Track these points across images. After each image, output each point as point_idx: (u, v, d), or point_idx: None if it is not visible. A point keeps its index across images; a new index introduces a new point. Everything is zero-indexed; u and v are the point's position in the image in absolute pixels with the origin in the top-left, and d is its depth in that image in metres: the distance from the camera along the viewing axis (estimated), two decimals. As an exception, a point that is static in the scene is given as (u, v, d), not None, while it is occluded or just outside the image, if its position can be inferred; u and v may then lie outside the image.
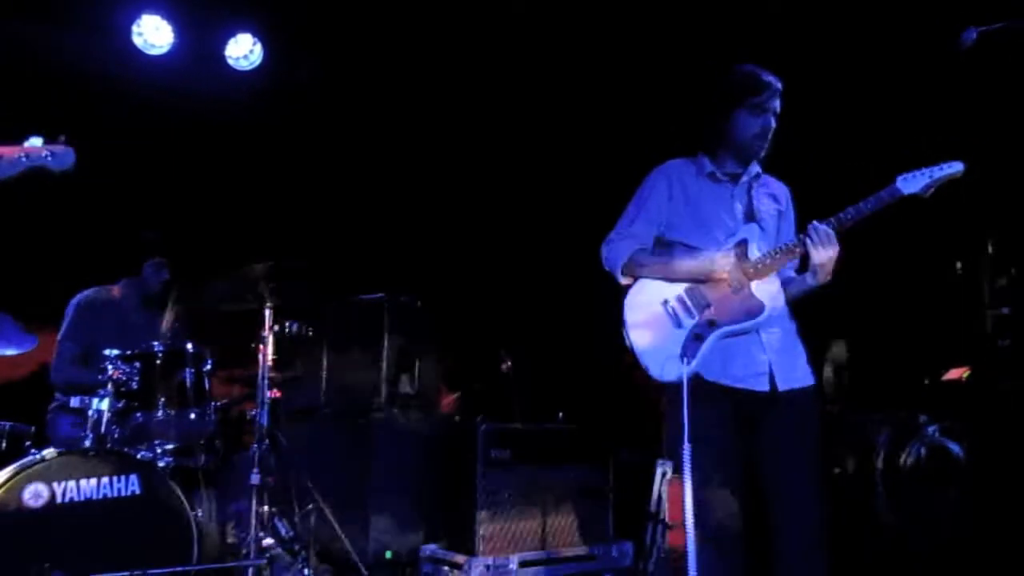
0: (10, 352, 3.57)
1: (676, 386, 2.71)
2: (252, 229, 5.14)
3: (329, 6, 5.10)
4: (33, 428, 3.72)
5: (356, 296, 4.85)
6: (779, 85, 2.93)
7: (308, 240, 5.21)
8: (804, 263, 3.00)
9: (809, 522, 2.79)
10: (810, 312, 3.02)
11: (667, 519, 4.47)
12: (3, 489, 3.15)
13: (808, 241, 2.78)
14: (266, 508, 3.90)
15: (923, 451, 4.02)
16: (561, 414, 4.65)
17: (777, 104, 2.94)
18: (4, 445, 3.55)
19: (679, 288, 2.88)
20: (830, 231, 2.77)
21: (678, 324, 2.84)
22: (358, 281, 4.95)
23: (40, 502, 3.20)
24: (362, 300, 4.82)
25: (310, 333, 4.10)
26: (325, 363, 4.84)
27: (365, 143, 5.49)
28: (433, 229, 5.54)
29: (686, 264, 2.89)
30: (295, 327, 4.12)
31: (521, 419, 4.54)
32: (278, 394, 4.04)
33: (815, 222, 2.80)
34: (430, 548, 4.49)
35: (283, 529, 4.10)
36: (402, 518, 4.58)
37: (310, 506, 4.19)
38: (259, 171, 5.39)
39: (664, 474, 4.65)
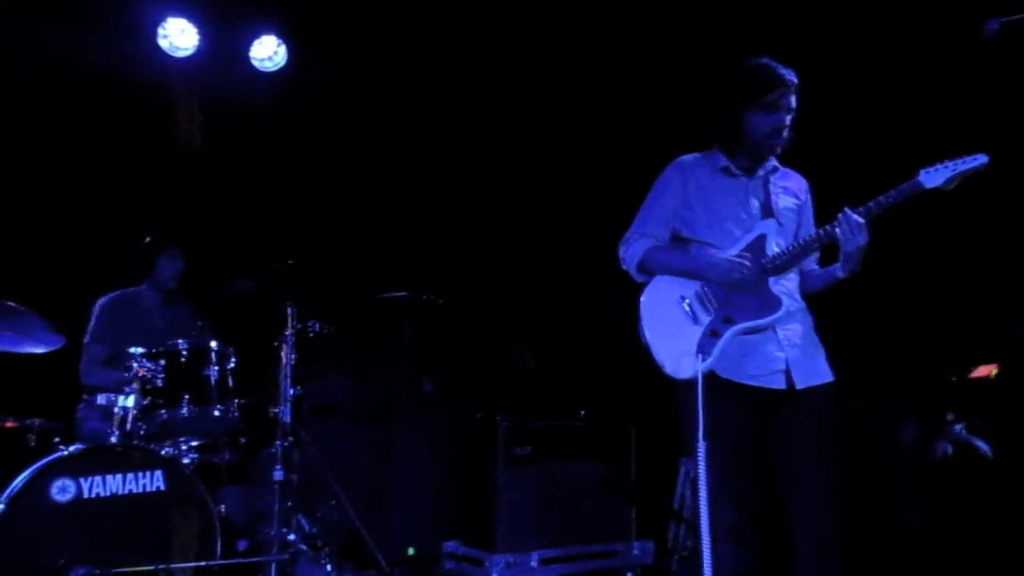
0: (39, 350, 3.65)
1: (691, 383, 2.71)
2: (277, 228, 5.20)
3: (352, 7, 5.13)
4: (62, 425, 3.80)
5: (378, 294, 4.89)
6: (794, 80, 2.88)
7: (331, 238, 5.25)
8: (826, 256, 2.98)
9: (825, 521, 2.76)
10: (832, 306, 3.00)
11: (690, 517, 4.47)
12: (31, 483, 3.22)
13: (838, 230, 2.74)
14: (289, 504, 3.95)
15: (950, 449, 3.96)
16: (583, 412, 4.64)
17: (792, 100, 2.88)
18: (34, 441, 3.63)
19: (696, 284, 2.87)
20: (861, 220, 2.71)
21: (695, 320, 2.82)
22: (380, 279, 4.98)
23: (67, 496, 3.27)
24: (384, 298, 4.86)
25: (328, 330, 4.13)
26: (347, 361, 4.88)
27: (387, 142, 5.52)
28: (451, 226, 5.54)
29: (701, 264, 2.87)
30: (317, 327, 4.15)
31: (542, 415, 4.53)
32: (300, 391, 4.08)
33: (847, 210, 2.74)
34: (451, 545, 4.51)
35: (306, 525, 4.14)
36: (424, 515, 4.61)
37: (332, 502, 4.23)
38: (283, 170, 5.44)
39: (687, 473, 4.64)
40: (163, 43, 5.09)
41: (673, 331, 2.83)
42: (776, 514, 2.79)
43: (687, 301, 2.85)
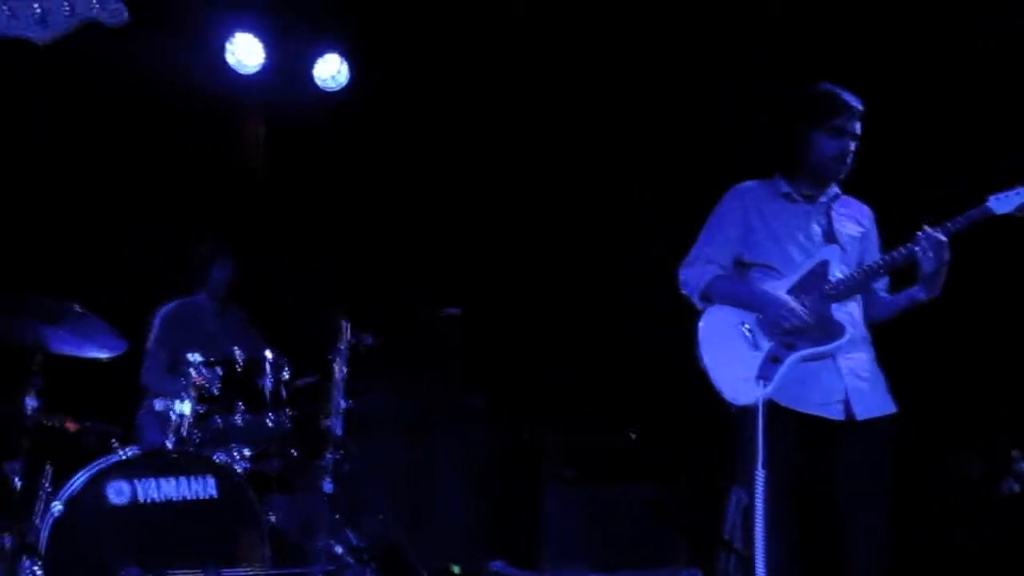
0: (103, 355, 3.72)
1: (749, 410, 2.66)
2: (334, 242, 5.26)
3: (415, 27, 5.20)
4: (120, 429, 3.86)
5: (430, 308, 4.91)
6: (860, 106, 2.86)
7: (385, 252, 5.29)
8: (894, 281, 2.92)
9: (878, 556, 2.70)
10: (898, 336, 2.92)
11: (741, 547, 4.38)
12: (88, 485, 3.28)
13: (917, 249, 2.67)
14: (337, 516, 3.96)
15: (1016, 487, 3.85)
16: (633, 433, 4.60)
17: (857, 126, 2.85)
18: (92, 444, 3.70)
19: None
20: (943, 238, 2.64)
21: (755, 346, 2.78)
22: (430, 292, 5.01)
23: (122, 499, 3.31)
24: (435, 313, 4.87)
25: (374, 343, 4.14)
26: (393, 374, 4.89)
27: (443, 158, 5.55)
28: (505, 243, 5.55)
29: (763, 304, 2.81)
30: (370, 340, 4.17)
31: (591, 435, 4.50)
32: (352, 404, 4.10)
33: (926, 228, 2.67)
34: (497, 564, 4.47)
35: (353, 538, 4.15)
36: (467, 532, 4.59)
37: (379, 516, 4.23)
38: (343, 186, 5.50)
39: (738, 501, 4.55)
40: (230, 59, 5.19)
41: (732, 356, 2.79)
42: (828, 545, 2.73)
43: (747, 326, 2.82)
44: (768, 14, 4.56)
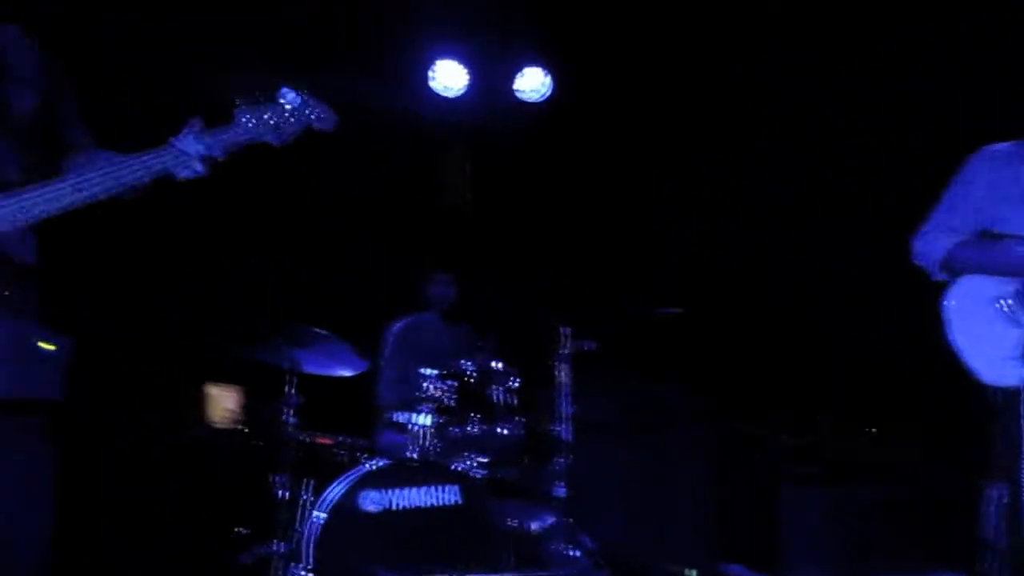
0: (347, 374, 4.02)
1: (1013, 393, 2.45)
2: (547, 248, 5.37)
3: (614, 32, 5.22)
4: (367, 441, 4.13)
5: (650, 310, 4.88)
6: None
7: (601, 256, 5.33)
8: None
9: None
10: None
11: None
12: (345, 495, 3.51)
13: None
14: (571, 521, 4.02)
15: None
16: (873, 428, 4.35)
17: None
18: (343, 457, 3.97)
19: (1015, 282, 2.59)
20: None
21: (1017, 322, 2.55)
22: (651, 294, 4.98)
23: (375, 507, 3.52)
24: (658, 314, 4.84)
25: (601, 349, 4.17)
26: (618, 377, 4.90)
27: (652, 160, 5.53)
28: (723, 240, 5.42)
29: (1019, 258, 2.59)
30: (591, 346, 4.21)
31: (828, 431, 4.30)
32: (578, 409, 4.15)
33: None
34: (734, 568, 4.36)
35: (588, 542, 4.19)
36: (704, 535, 4.51)
37: (610, 520, 4.24)
38: (550, 194, 5.61)
39: (1000, 497, 4.17)
40: (434, 85, 5.45)
41: (990, 334, 2.58)
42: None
43: (1005, 301, 2.58)
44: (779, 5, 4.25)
